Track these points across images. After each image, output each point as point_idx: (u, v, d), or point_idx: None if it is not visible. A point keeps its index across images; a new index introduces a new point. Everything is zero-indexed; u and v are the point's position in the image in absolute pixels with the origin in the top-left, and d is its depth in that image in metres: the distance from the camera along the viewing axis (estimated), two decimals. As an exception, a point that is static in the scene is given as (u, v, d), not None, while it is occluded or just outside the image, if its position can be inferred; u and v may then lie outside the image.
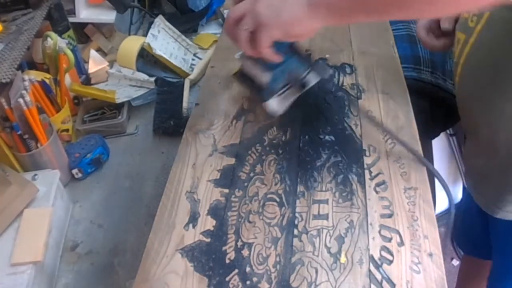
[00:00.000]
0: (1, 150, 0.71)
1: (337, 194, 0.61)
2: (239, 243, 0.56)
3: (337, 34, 0.96)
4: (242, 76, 0.72)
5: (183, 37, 1.06)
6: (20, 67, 0.82)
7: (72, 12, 1.00)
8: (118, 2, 1.01)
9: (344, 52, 0.89)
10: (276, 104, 0.68)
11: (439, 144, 1.61)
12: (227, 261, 0.54)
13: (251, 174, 0.65)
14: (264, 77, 0.67)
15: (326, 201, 0.60)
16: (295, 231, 0.57)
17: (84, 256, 0.67)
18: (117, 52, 0.96)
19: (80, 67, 0.98)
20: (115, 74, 0.95)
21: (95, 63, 1.00)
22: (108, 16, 1.03)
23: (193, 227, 0.59)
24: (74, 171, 0.78)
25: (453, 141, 1.63)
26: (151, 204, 0.73)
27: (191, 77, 0.97)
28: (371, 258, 0.53)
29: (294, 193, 0.62)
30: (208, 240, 0.57)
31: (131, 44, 0.95)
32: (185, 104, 0.87)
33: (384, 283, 0.50)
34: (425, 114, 1.19)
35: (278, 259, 0.54)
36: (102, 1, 1.02)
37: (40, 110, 0.75)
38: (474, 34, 0.66)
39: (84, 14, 1.03)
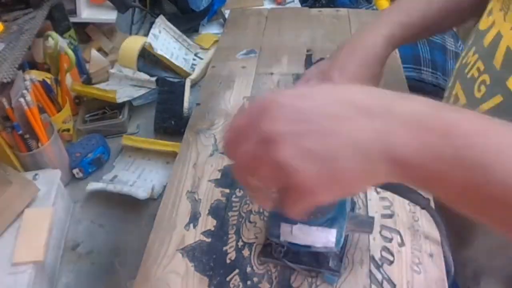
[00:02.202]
0: (2, 150, 0.71)
1: (338, 194, 0.61)
2: (240, 243, 0.56)
3: (337, 34, 0.96)
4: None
5: (184, 37, 1.06)
6: (21, 67, 0.82)
7: (73, 12, 1.00)
8: (120, 2, 1.01)
9: (345, 52, 0.89)
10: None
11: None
12: (228, 261, 0.54)
13: (252, 174, 0.65)
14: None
15: (327, 201, 0.60)
16: (296, 231, 0.57)
17: (84, 256, 0.67)
18: (118, 52, 0.97)
19: (81, 67, 0.98)
20: (116, 74, 0.95)
21: (96, 63, 1.00)
22: (109, 16, 1.03)
23: (194, 227, 0.59)
24: (75, 170, 0.78)
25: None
26: (152, 204, 0.73)
27: (192, 77, 0.97)
28: (372, 258, 0.53)
29: (295, 193, 0.62)
30: (208, 240, 0.57)
31: (132, 44, 0.95)
32: (186, 104, 0.87)
33: (385, 283, 0.50)
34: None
35: (278, 259, 0.54)
36: (103, 1, 1.02)
37: (41, 110, 0.75)
38: None
39: (85, 14, 1.03)
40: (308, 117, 0.31)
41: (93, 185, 0.75)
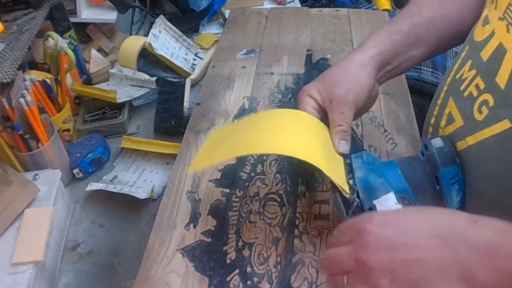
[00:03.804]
0: (2, 150, 0.71)
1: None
2: (240, 243, 0.56)
3: (338, 34, 0.96)
4: None
5: (184, 37, 1.06)
6: (21, 67, 0.82)
7: (73, 12, 1.00)
8: (120, 2, 1.01)
9: (345, 52, 0.90)
10: None
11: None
12: (228, 261, 0.54)
13: (252, 174, 0.65)
14: None
15: (327, 202, 0.60)
16: (296, 231, 0.57)
17: (85, 256, 0.67)
18: (118, 52, 0.97)
19: (81, 67, 0.98)
20: (116, 74, 0.95)
21: (96, 63, 1.00)
22: (109, 16, 1.03)
23: (194, 227, 0.59)
24: (75, 171, 0.78)
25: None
26: (152, 204, 0.73)
27: (192, 77, 0.97)
28: (372, 258, 0.52)
29: (295, 193, 0.62)
30: (209, 240, 0.57)
31: (132, 44, 0.95)
32: (186, 104, 0.87)
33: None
34: (426, 114, 1.19)
35: (278, 259, 0.54)
36: (103, 1, 1.02)
37: (41, 110, 0.75)
38: None
39: (86, 14, 1.03)
40: (397, 246, 0.36)
41: (93, 185, 0.75)
